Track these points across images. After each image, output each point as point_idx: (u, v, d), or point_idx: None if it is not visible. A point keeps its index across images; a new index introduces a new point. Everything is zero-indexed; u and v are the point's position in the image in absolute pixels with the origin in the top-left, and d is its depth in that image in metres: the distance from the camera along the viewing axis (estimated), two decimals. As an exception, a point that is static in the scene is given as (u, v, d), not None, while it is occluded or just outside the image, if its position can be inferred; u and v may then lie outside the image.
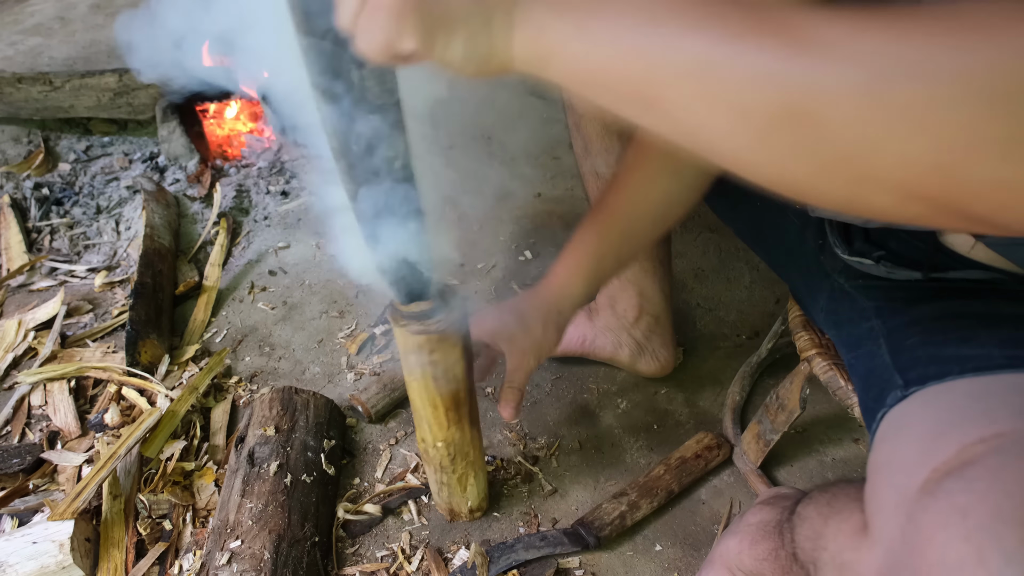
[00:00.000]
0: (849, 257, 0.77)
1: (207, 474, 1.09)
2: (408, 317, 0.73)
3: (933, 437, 0.48)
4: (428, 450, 0.89)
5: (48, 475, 1.10)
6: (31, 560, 0.90)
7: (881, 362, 0.69)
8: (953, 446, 0.45)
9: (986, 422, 0.45)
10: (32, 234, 1.58)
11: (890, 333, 0.71)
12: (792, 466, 1.12)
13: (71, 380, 1.23)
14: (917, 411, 0.55)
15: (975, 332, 0.64)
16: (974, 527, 0.37)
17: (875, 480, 0.53)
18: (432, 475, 0.95)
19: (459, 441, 0.88)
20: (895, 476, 0.50)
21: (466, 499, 0.99)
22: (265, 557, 0.90)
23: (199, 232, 1.58)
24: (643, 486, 1.04)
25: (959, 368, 0.59)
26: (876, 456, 0.57)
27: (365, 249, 0.68)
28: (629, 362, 1.20)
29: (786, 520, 0.71)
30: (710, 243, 1.53)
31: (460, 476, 0.94)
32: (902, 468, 0.49)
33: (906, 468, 0.48)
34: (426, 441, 0.88)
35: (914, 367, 0.64)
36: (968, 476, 0.41)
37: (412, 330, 0.72)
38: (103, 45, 2.22)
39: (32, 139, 1.84)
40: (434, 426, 0.84)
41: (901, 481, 0.48)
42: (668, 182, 0.81)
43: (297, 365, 1.30)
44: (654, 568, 0.99)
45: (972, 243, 0.67)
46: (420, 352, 0.74)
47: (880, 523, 0.51)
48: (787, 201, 0.87)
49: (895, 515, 0.47)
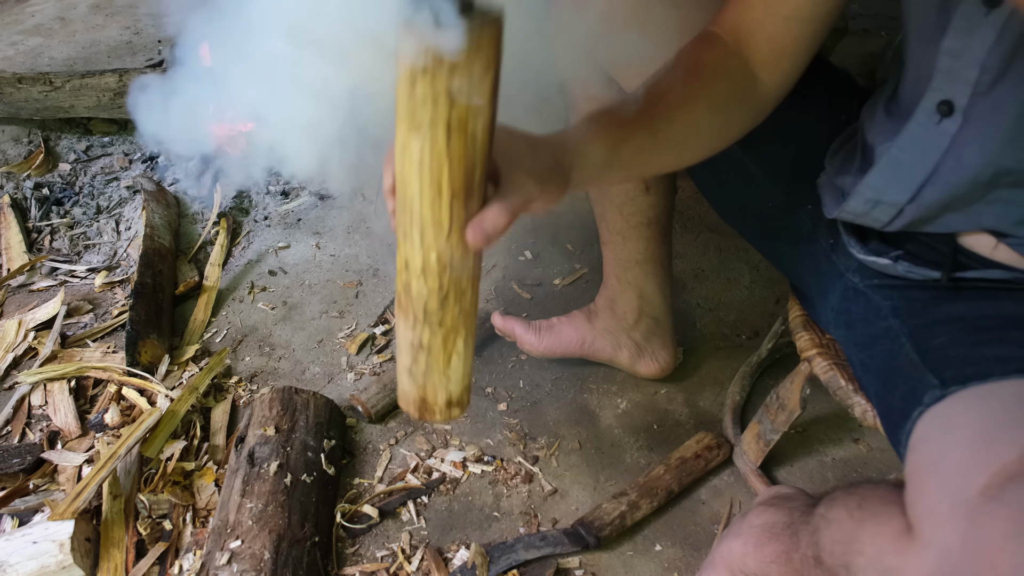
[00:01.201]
0: (865, 256, 0.77)
1: (207, 474, 1.09)
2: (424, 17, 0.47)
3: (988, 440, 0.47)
4: (411, 283, 0.61)
5: (48, 475, 1.10)
6: (31, 560, 0.90)
7: (907, 360, 0.68)
8: (1014, 450, 0.44)
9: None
10: (32, 234, 1.58)
11: (912, 333, 0.71)
12: (792, 466, 1.12)
13: (71, 380, 1.23)
14: (962, 412, 0.54)
15: (1007, 333, 0.64)
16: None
17: (922, 482, 0.52)
18: (405, 335, 0.65)
19: (458, 264, 0.59)
20: (948, 479, 0.49)
21: (447, 379, 0.68)
22: (265, 557, 0.90)
23: (199, 232, 1.58)
24: (643, 486, 1.04)
25: (1000, 369, 0.59)
26: (920, 457, 0.56)
27: None
28: (629, 364, 1.20)
29: (800, 522, 0.70)
30: (710, 243, 1.53)
31: (447, 334, 0.64)
32: (955, 471, 0.48)
33: (960, 472, 0.47)
34: (411, 266, 0.59)
35: (948, 367, 0.63)
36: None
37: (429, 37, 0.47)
38: (103, 45, 2.22)
39: (32, 139, 1.84)
40: (429, 228, 0.56)
41: (955, 484, 0.47)
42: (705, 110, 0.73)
43: (297, 365, 1.30)
44: (654, 568, 0.99)
45: (994, 244, 0.68)
46: (436, 75, 0.48)
47: (930, 527, 0.49)
48: (797, 201, 0.87)
49: (951, 519, 0.46)
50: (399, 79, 0.51)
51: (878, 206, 0.72)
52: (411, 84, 0.50)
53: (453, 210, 0.55)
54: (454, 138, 0.51)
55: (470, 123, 0.51)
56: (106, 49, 2.22)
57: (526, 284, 1.45)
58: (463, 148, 0.52)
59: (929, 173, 0.67)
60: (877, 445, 1.15)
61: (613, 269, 1.13)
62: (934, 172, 0.66)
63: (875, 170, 0.71)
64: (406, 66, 0.49)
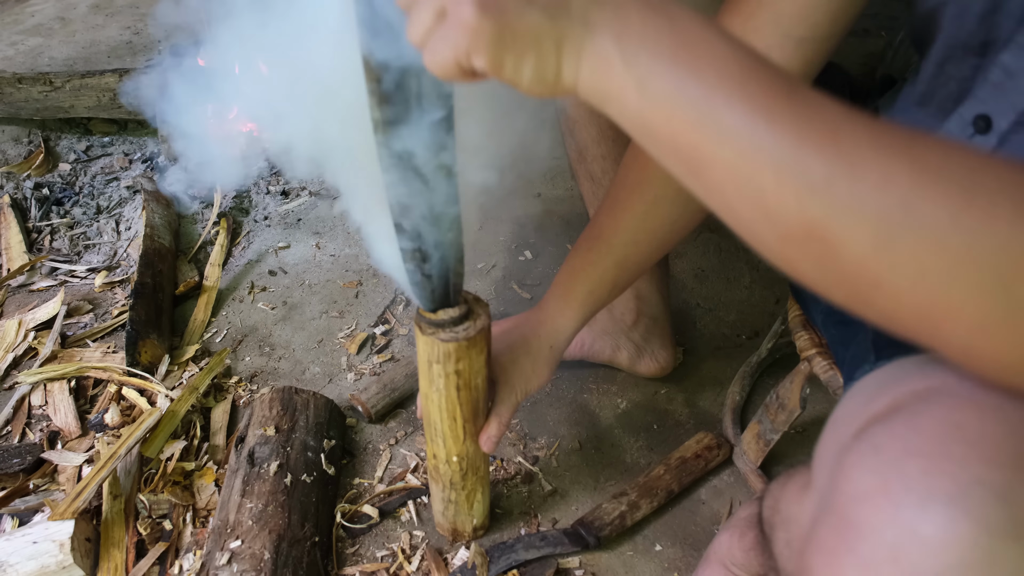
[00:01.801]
0: None
1: (207, 474, 1.09)
2: (436, 325, 0.70)
3: (875, 394, 0.49)
4: (439, 466, 0.86)
5: (48, 475, 1.10)
6: (31, 560, 0.90)
7: (864, 347, 0.69)
8: (887, 398, 0.46)
9: (921, 377, 0.46)
10: (32, 234, 1.58)
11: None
12: (792, 466, 1.12)
13: (71, 380, 1.23)
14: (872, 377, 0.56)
15: None
16: (883, 461, 0.39)
17: (822, 439, 0.55)
18: (438, 494, 0.92)
19: (473, 454, 0.84)
20: (837, 430, 0.51)
21: (472, 517, 0.96)
22: (265, 557, 0.90)
23: (199, 232, 1.58)
24: (643, 486, 1.04)
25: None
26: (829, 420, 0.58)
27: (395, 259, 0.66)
28: (628, 364, 1.20)
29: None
30: (710, 243, 1.53)
31: (469, 493, 0.91)
32: (843, 422, 0.51)
33: (846, 421, 0.50)
34: (438, 457, 0.84)
35: (889, 346, 0.63)
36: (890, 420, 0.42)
37: (442, 338, 0.69)
38: (103, 45, 2.22)
39: (32, 139, 1.84)
40: (450, 440, 0.81)
41: (841, 432, 0.49)
42: (670, 208, 0.75)
43: (297, 365, 1.30)
44: (654, 568, 0.99)
45: None
46: (447, 361, 0.71)
47: (816, 473, 0.52)
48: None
49: (828, 463, 0.49)
50: (419, 358, 0.74)
51: None
52: (428, 365, 0.72)
53: (466, 428, 0.80)
54: (462, 392, 0.75)
55: (472, 381, 0.74)
56: (106, 49, 2.22)
57: (526, 284, 1.45)
58: (469, 396, 0.76)
59: None
60: (877, 445, 1.15)
61: None
62: None
63: None
64: (424, 354, 0.72)
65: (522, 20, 0.40)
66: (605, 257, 0.79)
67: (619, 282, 0.82)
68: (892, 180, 0.36)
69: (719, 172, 0.40)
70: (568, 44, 0.41)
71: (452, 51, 0.41)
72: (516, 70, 0.42)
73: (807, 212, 0.38)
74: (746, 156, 0.39)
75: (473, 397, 0.76)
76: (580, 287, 0.81)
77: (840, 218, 0.37)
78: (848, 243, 0.37)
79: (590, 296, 0.81)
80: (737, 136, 0.39)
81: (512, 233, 1.59)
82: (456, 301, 0.71)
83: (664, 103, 0.40)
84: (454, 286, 0.69)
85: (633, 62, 0.40)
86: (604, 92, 0.42)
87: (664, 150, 0.43)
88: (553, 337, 0.82)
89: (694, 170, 0.42)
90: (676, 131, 0.41)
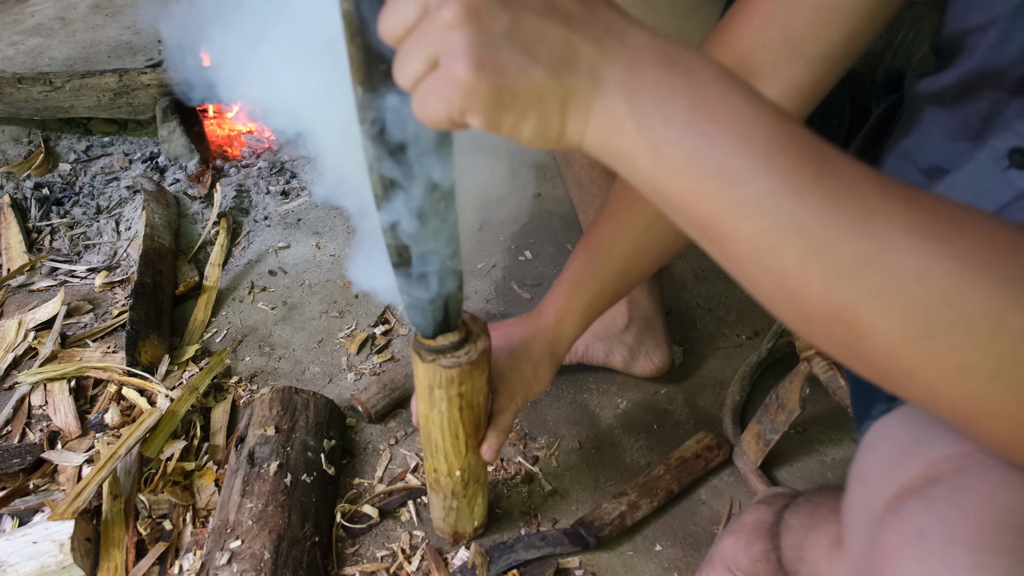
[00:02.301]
0: None
1: (207, 474, 1.09)
2: (436, 352, 0.69)
3: (904, 453, 0.47)
4: (440, 479, 0.85)
5: (48, 475, 1.10)
6: (31, 560, 0.90)
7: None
8: (921, 463, 0.44)
9: (955, 439, 0.43)
10: (32, 234, 1.58)
11: None
12: (792, 466, 1.12)
13: (71, 380, 1.23)
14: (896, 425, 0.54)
15: None
16: (929, 549, 0.37)
17: (850, 493, 0.53)
18: (439, 502, 0.91)
19: (475, 465, 0.84)
20: (867, 490, 0.49)
21: (473, 520, 0.96)
22: (265, 557, 0.90)
23: (199, 232, 1.58)
24: (643, 486, 1.04)
25: None
26: (854, 469, 0.56)
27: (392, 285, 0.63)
28: (624, 367, 1.20)
29: (775, 524, 0.71)
30: (710, 243, 1.53)
31: (471, 499, 0.91)
32: (873, 483, 0.49)
33: (877, 483, 0.48)
34: (439, 471, 0.83)
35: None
36: (930, 495, 0.40)
37: (444, 364, 0.68)
38: (103, 45, 2.22)
39: (32, 139, 1.84)
40: (451, 456, 0.80)
41: (871, 496, 0.47)
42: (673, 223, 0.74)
43: (297, 365, 1.30)
44: (654, 568, 0.99)
45: None
46: (450, 386, 0.70)
47: (850, 538, 0.50)
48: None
49: (862, 531, 0.47)
50: (417, 383, 0.72)
51: None
52: (429, 390, 0.71)
53: (468, 444, 0.79)
54: (465, 412, 0.74)
55: (474, 401, 0.73)
56: (106, 49, 2.22)
57: (526, 284, 1.45)
58: (471, 414, 0.75)
59: None
60: (877, 445, 1.15)
61: None
62: None
63: None
64: (424, 380, 0.71)
65: (523, 78, 0.36)
66: (605, 269, 0.77)
67: (619, 292, 0.80)
68: (931, 271, 0.33)
69: (737, 246, 0.38)
70: (575, 102, 0.38)
71: (444, 106, 0.37)
72: (515, 128, 0.39)
73: (834, 296, 0.35)
74: (767, 233, 0.36)
75: (475, 414, 0.76)
76: (580, 298, 0.79)
77: (871, 305, 0.34)
78: (879, 332, 0.35)
79: (591, 307, 0.79)
80: (758, 211, 0.36)
81: (512, 233, 1.59)
82: (455, 325, 0.69)
83: (679, 171, 0.37)
84: (454, 311, 0.67)
85: (647, 124, 0.37)
86: (614, 153, 0.39)
87: (678, 216, 0.40)
88: (554, 344, 0.81)
89: (710, 239, 0.40)
90: (691, 201, 0.38)
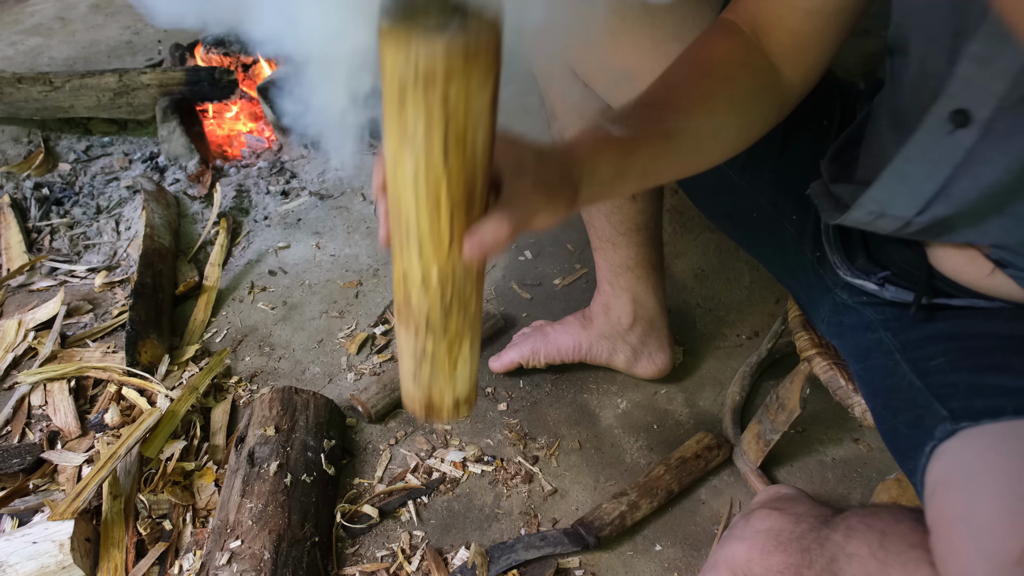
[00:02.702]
0: (852, 279, 0.76)
1: (207, 474, 1.09)
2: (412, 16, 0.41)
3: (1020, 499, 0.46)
4: (411, 295, 0.56)
5: (48, 475, 1.10)
6: (31, 560, 0.90)
7: (906, 382, 0.66)
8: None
9: None
10: (32, 234, 1.58)
11: (905, 348, 0.69)
12: (792, 466, 1.12)
13: (71, 380, 1.23)
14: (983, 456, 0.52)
15: (1007, 359, 0.62)
16: None
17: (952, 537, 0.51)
18: (407, 344, 0.61)
19: (461, 276, 0.55)
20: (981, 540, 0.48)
21: (453, 382, 0.64)
22: (265, 557, 0.90)
23: (199, 232, 1.58)
24: (643, 486, 1.04)
25: (1012, 406, 0.57)
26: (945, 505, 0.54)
27: None
28: (626, 367, 1.20)
29: (811, 539, 0.68)
30: (710, 243, 1.53)
31: (452, 341, 0.60)
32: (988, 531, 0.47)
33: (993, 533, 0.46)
34: (409, 279, 0.55)
35: (953, 396, 0.61)
36: None
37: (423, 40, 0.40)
38: (103, 45, 2.22)
39: (32, 139, 1.84)
40: (428, 243, 0.51)
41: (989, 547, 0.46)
42: (724, 108, 0.67)
43: (297, 365, 1.30)
44: (654, 568, 0.99)
45: (990, 270, 0.65)
46: (430, 84, 0.41)
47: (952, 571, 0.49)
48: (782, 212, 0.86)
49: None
50: (384, 88, 0.44)
51: (883, 218, 0.67)
52: (400, 98, 0.43)
53: (454, 224, 0.50)
54: (452, 154, 0.45)
55: (469, 136, 0.45)
56: (106, 49, 2.22)
57: (526, 284, 1.45)
58: (462, 163, 0.46)
59: (939, 188, 0.61)
60: (877, 445, 1.15)
61: (605, 275, 1.13)
62: (945, 187, 0.61)
63: (879, 183, 0.65)
64: (393, 77, 0.43)
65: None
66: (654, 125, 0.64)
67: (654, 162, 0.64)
68: None
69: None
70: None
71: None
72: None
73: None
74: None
75: (468, 164, 0.47)
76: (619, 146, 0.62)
77: None
78: None
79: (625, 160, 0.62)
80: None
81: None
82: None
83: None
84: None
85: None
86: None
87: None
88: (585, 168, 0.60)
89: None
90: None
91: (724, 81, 0.67)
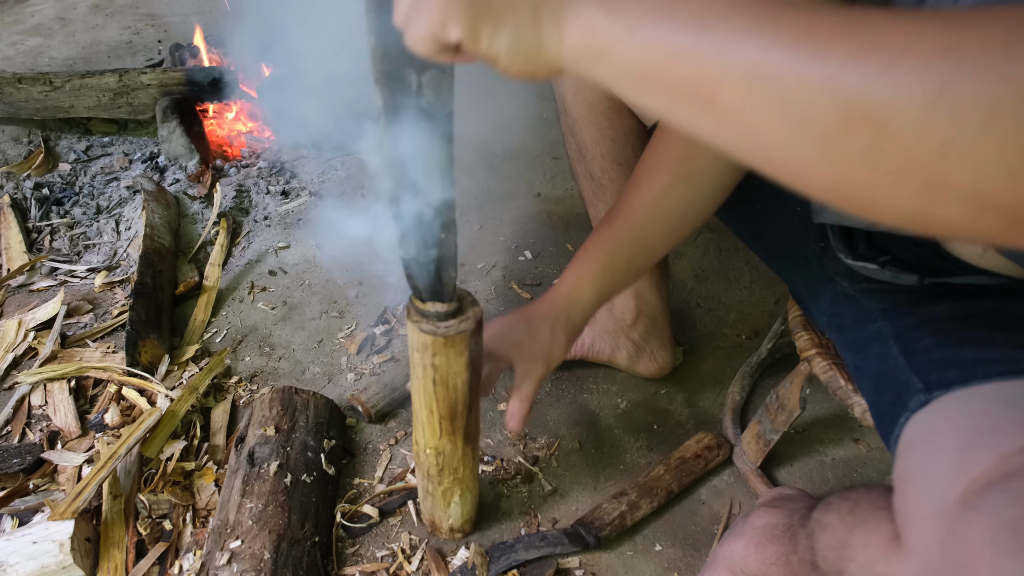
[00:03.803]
0: (853, 262, 0.76)
1: (207, 474, 1.09)
2: (421, 315, 0.72)
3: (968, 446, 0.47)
4: (419, 453, 0.87)
5: (48, 475, 1.10)
6: (31, 560, 0.90)
7: (894, 364, 0.68)
8: (991, 456, 0.44)
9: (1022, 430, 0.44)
10: (32, 234, 1.58)
11: (899, 334, 0.70)
12: (792, 466, 1.12)
13: (71, 380, 1.23)
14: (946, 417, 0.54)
15: (991, 334, 0.63)
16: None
17: (907, 490, 0.52)
18: (420, 480, 0.93)
19: (449, 453, 0.85)
20: (930, 486, 0.49)
21: (448, 516, 0.96)
22: (265, 557, 0.90)
23: (199, 232, 1.58)
24: (643, 486, 1.04)
25: (983, 372, 0.58)
26: (905, 464, 0.56)
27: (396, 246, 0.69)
28: (628, 364, 1.20)
29: (799, 524, 0.70)
30: (710, 243, 1.53)
31: (445, 490, 0.91)
32: (937, 478, 0.48)
33: (941, 478, 0.47)
34: (419, 443, 0.86)
35: (932, 370, 0.62)
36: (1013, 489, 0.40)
37: (423, 328, 0.71)
38: (103, 45, 2.22)
39: (32, 139, 1.84)
40: (427, 430, 0.82)
41: (937, 492, 0.47)
42: (685, 189, 0.78)
43: (297, 365, 1.30)
44: (654, 568, 0.99)
45: (982, 251, 0.66)
46: (424, 352, 0.73)
47: (915, 535, 0.50)
48: (787, 203, 0.87)
49: (933, 527, 0.46)
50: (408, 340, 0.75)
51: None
52: (412, 351, 0.74)
53: (442, 425, 0.80)
54: (439, 388, 0.76)
55: (450, 381, 0.75)
56: (106, 49, 2.22)
57: (526, 284, 1.45)
58: (445, 394, 0.76)
59: None
60: (877, 445, 1.15)
61: None
62: None
63: None
64: (411, 339, 0.73)
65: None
66: (623, 234, 0.81)
67: (634, 263, 0.83)
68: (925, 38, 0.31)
69: (731, 94, 0.36)
70: (546, 10, 0.40)
71: (428, 23, 0.41)
72: (492, 41, 0.41)
73: (839, 95, 0.32)
74: (756, 65, 0.34)
75: (451, 398, 0.77)
76: (598, 265, 0.82)
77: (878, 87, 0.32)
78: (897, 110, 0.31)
79: (608, 273, 0.82)
80: (741, 49, 0.35)
81: (512, 233, 1.59)
82: (449, 298, 0.71)
83: (657, 42, 0.37)
84: (445, 283, 0.70)
85: (617, 11, 0.39)
86: (592, 53, 0.40)
87: (669, 95, 0.39)
88: (572, 310, 0.83)
89: (704, 103, 0.37)
90: (674, 67, 0.37)
91: (679, 164, 0.76)
